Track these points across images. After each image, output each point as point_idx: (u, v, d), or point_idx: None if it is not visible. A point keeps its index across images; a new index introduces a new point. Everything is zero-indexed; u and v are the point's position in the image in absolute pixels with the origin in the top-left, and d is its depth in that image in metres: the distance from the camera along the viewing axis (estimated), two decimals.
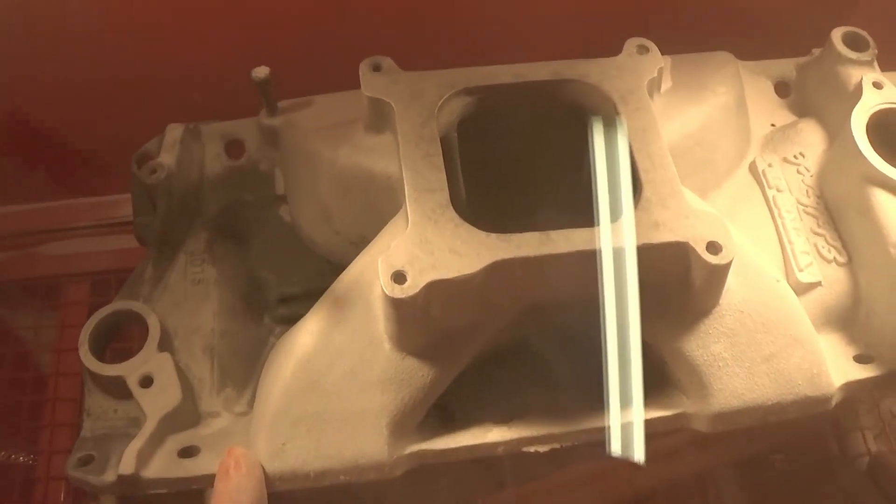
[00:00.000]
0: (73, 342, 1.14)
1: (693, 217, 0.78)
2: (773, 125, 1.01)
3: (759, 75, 1.04)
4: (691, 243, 0.76)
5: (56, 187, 1.35)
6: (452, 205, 0.79)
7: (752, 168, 0.96)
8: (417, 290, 0.73)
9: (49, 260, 1.34)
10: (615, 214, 0.78)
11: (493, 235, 0.76)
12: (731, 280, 0.81)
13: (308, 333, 0.81)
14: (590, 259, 0.76)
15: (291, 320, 0.91)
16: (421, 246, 0.75)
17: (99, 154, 1.29)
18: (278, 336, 0.94)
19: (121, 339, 0.93)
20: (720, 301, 0.81)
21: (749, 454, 1.04)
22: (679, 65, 0.96)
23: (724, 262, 0.76)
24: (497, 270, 0.75)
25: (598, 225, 0.77)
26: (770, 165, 0.95)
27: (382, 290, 0.74)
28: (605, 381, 0.80)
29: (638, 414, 0.81)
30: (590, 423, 0.84)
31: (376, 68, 0.88)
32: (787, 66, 1.05)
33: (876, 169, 0.87)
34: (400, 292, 0.73)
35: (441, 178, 0.80)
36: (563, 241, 0.76)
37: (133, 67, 1.16)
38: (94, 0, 1.12)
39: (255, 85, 0.93)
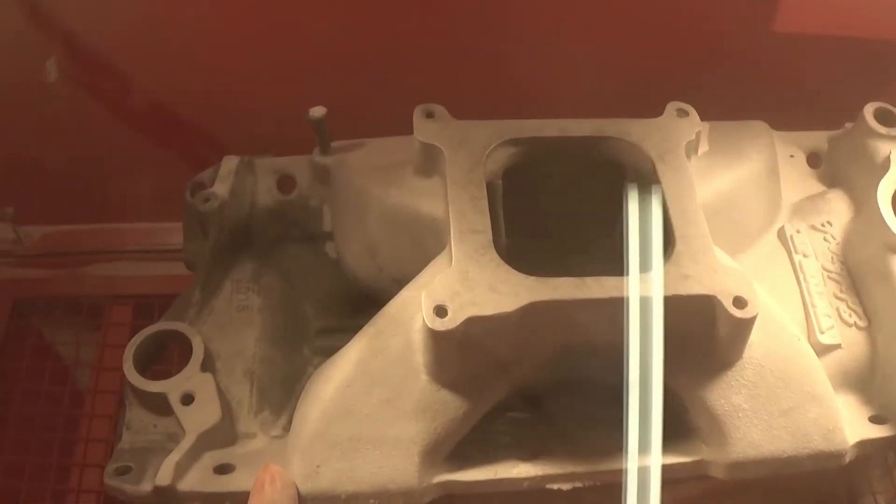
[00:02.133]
0: (112, 361, 1.21)
1: (721, 272, 0.84)
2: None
3: (792, 146, 1.10)
4: (718, 297, 0.82)
5: (107, 210, 1.42)
6: (494, 247, 0.85)
7: (781, 233, 1.02)
8: (457, 324, 0.79)
9: (95, 280, 1.40)
10: (647, 266, 0.84)
11: (532, 278, 0.82)
12: (755, 335, 0.86)
13: (348, 361, 0.87)
14: (620, 306, 0.82)
15: (329, 351, 0.97)
16: (462, 283, 0.81)
17: (150, 182, 1.36)
18: (316, 366, 0.99)
19: (161, 362, 0.99)
20: (743, 354, 0.87)
21: None
22: (717, 131, 1.03)
23: (748, 316, 0.82)
24: (533, 311, 0.81)
25: (631, 274, 0.83)
26: (798, 232, 1.01)
27: (424, 323, 0.79)
28: (626, 424, 0.86)
29: (656, 458, 0.86)
30: (611, 465, 0.89)
31: (429, 115, 0.95)
32: (819, 139, 1.11)
33: None
34: (440, 325, 0.79)
35: (485, 220, 0.86)
36: (597, 287, 0.82)
37: (191, 99, 1.23)
38: (156, 31, 1.19)
39: (310, 124, 0.99)
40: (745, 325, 0.83)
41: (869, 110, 1.04)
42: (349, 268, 1.02)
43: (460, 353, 0.82)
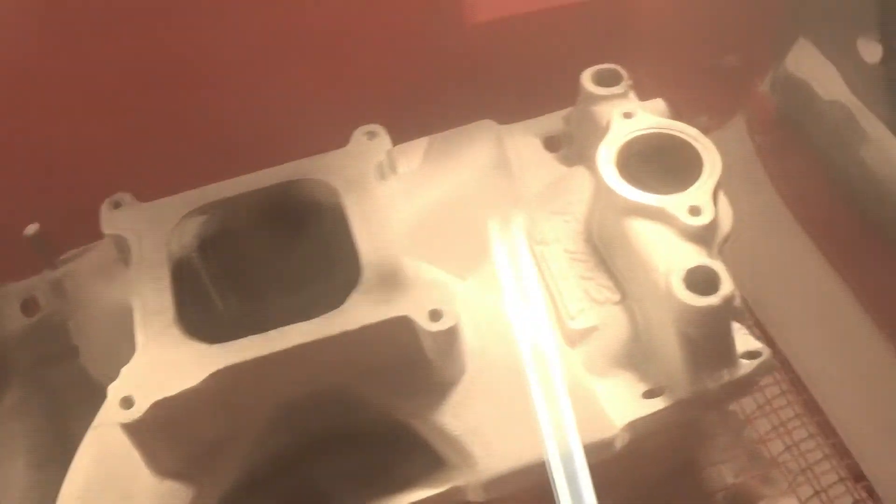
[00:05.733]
0: None
1: (415, 289, 0.82)
2: None
3: (526, 135, 1.07)
4: (411, 315, 0.81)
5: None
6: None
7: (519, 228, 0.99)
8: (143, 412, 0.78)
9: None
10: (340, 302, 0.83)
11: (216, 346, 0.81)
12: (477, 343, 0.85)
13: (75, 476, 0.86)
14: (313, 351, 0.81)
15: None
16: (148, 367, 0.81)
17: None
18: None
19: None
20: (467, 366, 0.85)
21: None
22: (437, 142, 1.02)
23: (445, 327, 0.80)
24: (223, 378, 0.80)
25: (320, 316, 0.82)
26: (536, 221, 0.99)
27: None
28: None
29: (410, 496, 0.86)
30: None
31: (116, 205, 0.94)
32: (553, 121, 1.09)
33: (626, 199, 0.90)
34: (125, 417, 0.78)
35: (166, 299, 0.85)
36: (281, 338, 0.81)
37: None
38: None
39: (28, 242, 0.99)
40: (446, 338, 0.81)
41: (587, 76, 1.02)
42: (95, 377, 1.01)
43: (161, 440, 0.81)
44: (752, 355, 0.89)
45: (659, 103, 1.03)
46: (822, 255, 1.28)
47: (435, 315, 0.81)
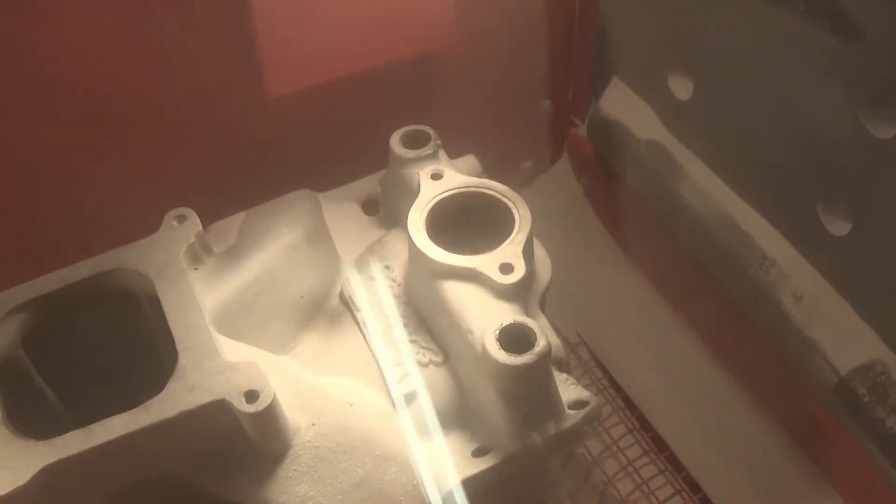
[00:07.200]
0: None
1: (229, 372, 0.85)
2: None
3: (344, 201, 1.11)
4: (227, 398, 0.83)
5: None
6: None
7: (342, 296, 1.03)
8: None
9: None
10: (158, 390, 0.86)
11: (42, 443, 0.83)
12: (300, 418, 0.88)
13: None
14: (135, 441, 0.83)
15: None
16: None
17: None
18: None
19: None
20: (293, 442, 0.87)
21: None
22: (252, 216, 1.04)
23: (262, 407, 0.83)
24: (49, 475, 0.81)
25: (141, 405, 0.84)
26: (355, 288, 1.02)
27: None
28: None
29: None
30: None
31: None
32: (371, 183, 1.13)
33: (437, 262, 0.94)
34: None
35: None
36: (104, 431, 0.83)
37: None
38: None
39: None
40: (265, 417, 0.84)
41: (395, 139, 1.06)
42: None
43: None
44: (579, 405, 0.93)
45: (470, 159, 1.07)
46: (655, 291, 1.33)
47: (251, 396, 0.83)
